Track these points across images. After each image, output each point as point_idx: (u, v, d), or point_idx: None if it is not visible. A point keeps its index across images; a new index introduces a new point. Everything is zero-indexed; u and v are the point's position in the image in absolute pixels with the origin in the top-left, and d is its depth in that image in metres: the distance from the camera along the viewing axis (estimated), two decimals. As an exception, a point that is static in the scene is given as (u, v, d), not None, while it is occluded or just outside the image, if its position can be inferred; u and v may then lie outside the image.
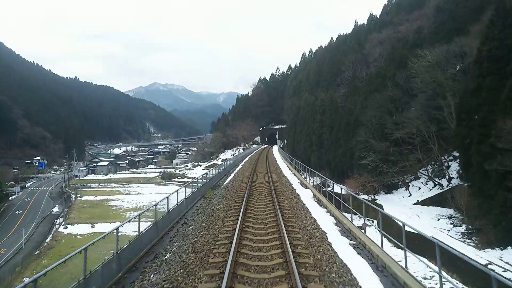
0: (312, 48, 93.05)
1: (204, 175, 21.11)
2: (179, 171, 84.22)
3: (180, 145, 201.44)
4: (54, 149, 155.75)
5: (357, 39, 65.32)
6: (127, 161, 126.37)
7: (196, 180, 18.60)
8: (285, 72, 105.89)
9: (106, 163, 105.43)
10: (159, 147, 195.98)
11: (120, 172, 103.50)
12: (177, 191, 13.15)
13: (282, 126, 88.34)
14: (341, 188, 15.98)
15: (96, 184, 78.66)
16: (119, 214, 44.99)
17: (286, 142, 73.95)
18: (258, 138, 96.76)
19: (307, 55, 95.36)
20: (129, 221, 8.19)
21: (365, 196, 36.97)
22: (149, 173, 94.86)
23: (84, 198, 59.56)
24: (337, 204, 13.56)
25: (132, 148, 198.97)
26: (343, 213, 11.97)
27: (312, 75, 67.68)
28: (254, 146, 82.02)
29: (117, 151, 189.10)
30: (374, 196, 38.15)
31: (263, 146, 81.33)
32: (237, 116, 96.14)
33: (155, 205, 10.10)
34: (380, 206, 29.21)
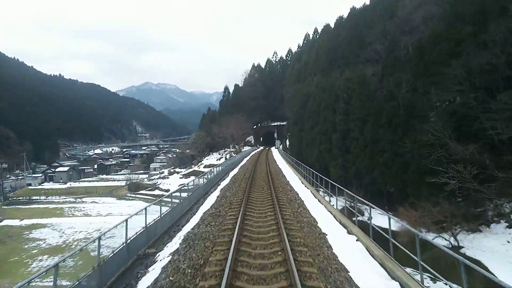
0: (317, 27, 76.39)
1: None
2: (150, 180, 66.76)
3: (168, 146, 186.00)
4: (19, 151, 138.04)
5: (383, 6, 48.81)
6: (96, 165, 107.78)
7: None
8: (284, 58, 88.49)
9: (66, 169, 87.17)
10: (143, 148, 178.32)
11: (83, 180, 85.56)
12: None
13: (282, 123, 71.32)
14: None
15: (43, 198, 61.00)
16: (22, 264, 27.56)
17: (288, 142, 57.10)
18: (251, 138, 79.41)
19: (311, 36, 78.37)
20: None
21: (442, 241, 21.26)
22: (118, 180, 77.14)
23: (3, 222, 42.07)
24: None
25: (113, 149, 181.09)
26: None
27: (323, 53, 50.89)
28: (246, 148, 64.88)
29: (98, 152, 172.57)
30: (455, 239, 21.94)
31: (258, 149, 64.37)
32: (226, 111, 78.69)
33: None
34: (478, 263, 15.86)
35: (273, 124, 78.00)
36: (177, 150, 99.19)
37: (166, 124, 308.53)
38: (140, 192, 58.13)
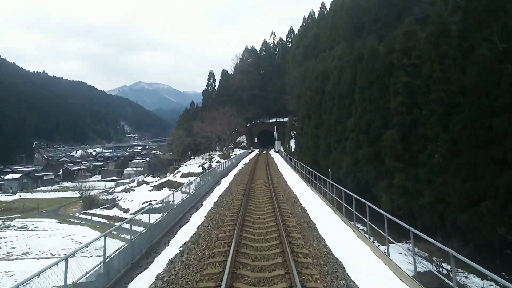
0: (324, 2, 61.21)
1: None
2: (108, 193, 51.35)
3: (156, 146, 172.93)
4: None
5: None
6: (61, 171, 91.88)
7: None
8: (285, 40, 73.36)
9: (17, 176, 71.58)
10: (128, 149, 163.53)
11: (39, 189, 70.02)
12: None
13: (282, 119, 56.65)
14: None
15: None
16: None
17: (293, 144, 42.33)
18: (243, 139, 64.36)
19: (316, 13, 63.35)
20: None
21: None
22: (81, 189, 61.72)
23: None
24: None
25: (92, 151, 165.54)
26: None
27: (344, 19, 36.16)
28: (237, 152, 49.97)
29: (79, 153, 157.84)
30: None
31: (252, 152, 49.66)
32: (210, 104, 63.43)
33: None
34: None
35: (271, 120, 63.18)
36: (159, 153, 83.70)
37: (157, 124, 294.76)
38: (93, 211, 43.11)
